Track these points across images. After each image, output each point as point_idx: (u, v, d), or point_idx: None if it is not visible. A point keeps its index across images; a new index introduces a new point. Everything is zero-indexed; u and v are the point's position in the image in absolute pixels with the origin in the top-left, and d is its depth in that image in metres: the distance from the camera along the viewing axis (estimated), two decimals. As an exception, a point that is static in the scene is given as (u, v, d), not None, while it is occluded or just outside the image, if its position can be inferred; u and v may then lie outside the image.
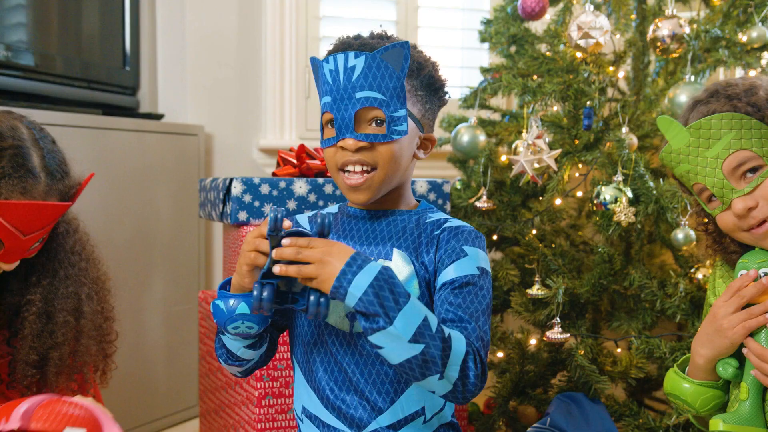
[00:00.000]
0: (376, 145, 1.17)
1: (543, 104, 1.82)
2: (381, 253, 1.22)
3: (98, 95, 2.31)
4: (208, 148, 2.59)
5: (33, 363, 1.28)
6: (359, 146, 1.16)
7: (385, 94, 1.16)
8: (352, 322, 1.20)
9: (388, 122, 1.17)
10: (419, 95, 1.22)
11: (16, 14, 2.07)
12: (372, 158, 1.17)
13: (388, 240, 1.23)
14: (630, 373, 1.72)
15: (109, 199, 2.13)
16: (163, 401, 2.34)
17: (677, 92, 1.75)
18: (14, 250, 1.21)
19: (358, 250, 1.20)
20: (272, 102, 2.63)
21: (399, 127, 1.18)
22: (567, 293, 1.75)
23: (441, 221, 1.24)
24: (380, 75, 1.16)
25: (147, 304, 2.28)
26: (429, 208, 1.29)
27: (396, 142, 1.18)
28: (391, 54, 1.16)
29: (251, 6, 2.62)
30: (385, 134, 1.17)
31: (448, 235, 1.21)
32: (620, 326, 1.85)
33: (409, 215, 1.26)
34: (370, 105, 1.16)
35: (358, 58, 1.16)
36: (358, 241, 1.24)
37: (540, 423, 1.61)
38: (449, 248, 1.19)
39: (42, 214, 1.21)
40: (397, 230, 1.24)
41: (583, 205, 2.28)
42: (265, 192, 1.69)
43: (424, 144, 1.26)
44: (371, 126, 1.18)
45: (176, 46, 2.56)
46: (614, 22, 2.06)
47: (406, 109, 1.18)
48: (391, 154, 1.18)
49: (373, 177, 1.18)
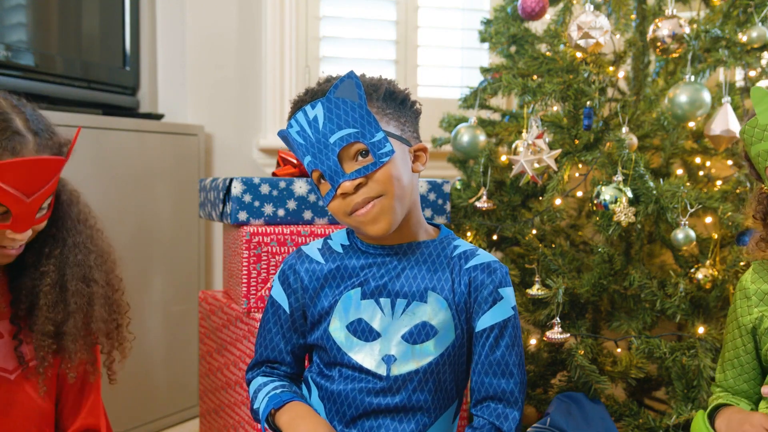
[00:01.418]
0: (372, 176, 1.16)
1: (543, 104, 1.82)
2: (416, 296, 1.21)
3: (98, 95, 2.31)
4: (208, 148, 2.59)
5: (49, 333, 1.29)
6: (357, 183, 1.16)
7: (355, 125, 1.16)
8: (389, 366, 1.20)
9: (372, 149, 1.16)
10: (389, 113, 1.21)
11: (16, 14, 2.07)
12: (374, 189, 1.17)
13: (421, 279, 1.22)
14: (630, 373, 1.72)
15: (109, 199, 2.13)
16: (163, 401, 2.34)
17: (677, 92, 1.75)
18: (22, 216, 1.21)
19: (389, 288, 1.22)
20: (272, 102, 2.63)
21: (384, 149, 1.17)
22: (567, 293, 1.75)
23: (469, 254, 1.25)
24: (342, 111, 1.17)
25: (147, 304, 2.28)
26: (449, 234, 1.29)
27: (388, 164, 1.17)
28: (342, 89, 1.17)
29: (251, 6, 2.62)
30: (375, 161, 1.17)
31: (482, 275, 1.22)
32: (620, 326, 1.85)
33: (434, 246, 1.25)
34: (347, 142, 1.16)
35: (315, 107, 1.17)
36: (386, 279, 1.23)
37: (540, 423, 1.61)
38: (485, 291, 1.21)
39: (38, 170, 1.21)
40: (427, 267, 1.23)
41: (583, 205, 2.28)
42: (265, 192, 1.69)
43: (417, 156, 1.25)
44: (358, 160, 1.17)
45: (176, 46, 2.56)
46: (614, 22, 2.06)
47: (382, 131, 1.18)
48: (389, 176, 1.17)
49: (383, 202, 1.17)
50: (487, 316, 1.21)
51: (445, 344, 1.21)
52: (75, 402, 1.39)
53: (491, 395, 1.21)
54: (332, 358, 1.23)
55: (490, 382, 1.21)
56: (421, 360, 1.20)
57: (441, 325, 1.20)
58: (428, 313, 1.20)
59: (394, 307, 1.21)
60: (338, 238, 1.30)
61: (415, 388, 1.20)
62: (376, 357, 1.20)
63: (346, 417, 1.22)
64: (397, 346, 1.20)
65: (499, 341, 1.21)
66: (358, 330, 1.22)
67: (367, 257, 1.25)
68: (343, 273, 1.25)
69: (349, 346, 1.22)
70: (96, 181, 2.08)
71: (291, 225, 1.70)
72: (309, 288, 1.26)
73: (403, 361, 1.20)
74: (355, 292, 1.23)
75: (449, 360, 1.22)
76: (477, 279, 1.22)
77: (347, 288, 1.23)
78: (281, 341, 1.29)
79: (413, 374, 1.20)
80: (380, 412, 1.20)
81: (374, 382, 1.20)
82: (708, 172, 2.07)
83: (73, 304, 1.30)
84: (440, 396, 1.23)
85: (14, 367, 1.30)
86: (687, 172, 2.05)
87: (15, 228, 1.21)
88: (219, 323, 1.86)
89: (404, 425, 1.20)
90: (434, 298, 1.21)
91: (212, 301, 1.91)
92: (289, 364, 1.31)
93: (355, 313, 1.22)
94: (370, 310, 1.21)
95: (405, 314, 1.21)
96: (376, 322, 1.21)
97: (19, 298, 1.30)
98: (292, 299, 1.28)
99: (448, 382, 1.23)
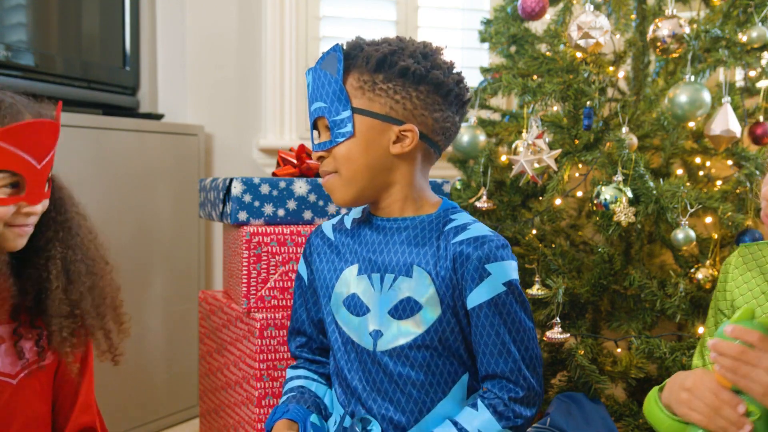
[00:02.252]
0: (332, 150, 1.21)
1: (543, 104, 1.82)
2: (402, 270, 1.20)
3: (98, 95, 2.31)
4: (208, 148, 2.59)
5: (66, 314, 1.29)
6: (318, 155, 1.23)
7: (326, 100, 1.19)
8: (375, 341, 1.20)
9: (332, 126, 1.19)
10: (381, 88, 1.18)
11: (16, 14, 2.07)
12: (330, 165, 1.22)
13: (408, 254, 1.21)
14: (630, 373, 1.72)
15: (109, 199, 2.13)
16: (163, 401, 2.34)
17: (677, 92, 1.75)
18: (35, 185, 1.21)
19: (379, 263, 1.22)
20: (272, 102, 2.63)
21: (342, 130, 1.19)
22: (567, 293, 1.75)
23: (460, 228, 1.20)
24: (321, 84, 1.20)
25: (147, 304, 2.28)
26: (451, 208, 1.25)
27: (344, 144, 1.19)
28: (328, 61, 1.20)
29: (251, 6, 2.62)
30: (330, 140, 1.20)
31: (468, 249, 1.17)
32: (620, 326, 1.85)
33: (429, 220, 1.23)
34: (317, 115, 1.21)
35: (309, 74, 1.23)
36: (378, 254, 1.23)
37: (540, 423, 1.61)
38: (470, 267, 1.17)
39: (44, 133, 1.22)
40: (416, 242, 1.21)
41: (583, 205, 2.28)
42: (265, 192, 1.69)
43: (402, 136, 1.19)
44: (325, 133, 1.22)
45: (176, 46, 2.56)
46: (614, 22, 2.06)
47: (349, 109, 1.18)
48: (343, 156, 1.20)
49: (334, 180, 1.22)
50: (475, 293, 1.17)
51: (430, 320, 1.18)
52: (69, 400, 1.39)
53: (491, 374, 1.18)
54: (331, 333, 1.27)
55: (489, 362, 1.18)
56: (407, 336, 1.18)
57: (426, 301, 1.18)
58: (413, 288, 1.18)
59: (383, 282, 1.21)
60: (354, 213, 1.33)
61: (404, 364, 1.18)
62: (365, 332, 1.21)
63: (348, 395, 1.23)
64: (383, 322, 1.19)
65: (492, 320, 1.16)
66: (352, 305, 1.23)
67: (366, 233, 1.26)
68: (345, 249, 1.27)
69: (347, 325, 1.24)
70: (96, 181, 2.08)
71: (291, 225, 1.70)
72: (317, 261, 1.31)
73: (389, 337, 1.19)
74: (353, 267, 1.25)
75: (437, 336, 1.18)
76: (463, 254, 1.17)
77: (347, 264, 1.26)
78: (304, 312, 1.35)
79: (399, 350, 1.18)
80: (375, 388, 1.20)
81: (364, 356, 1.21)
82: (708, 172, 2.07)
83: (82, 285, 1.31)
84: (436, 372, 1.19)
85: (17, 371, 1.29)
86: (687, 172, 2.05)
87: (30, 199, 1.21)
88: (219, 323, 1.86)
89: (399, 398, 1.19)
90: (418, 272, 1.19)
91: (212, 301, 1.91)
92: (311, 336, 1.35)
93: (351, 288, 1.24)
94: (363, 285, 1.22)
95: (392, 289, 1.19)
96: (366, 297, 1.21)
97: (24, 289, 1.29)
98: (308, 270, 1.33)
99: (443, 358, 1.19)
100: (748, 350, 1.00)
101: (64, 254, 1.31)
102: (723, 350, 1.01)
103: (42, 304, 1.29)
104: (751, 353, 1.00)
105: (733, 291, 1.21)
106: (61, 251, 1.31)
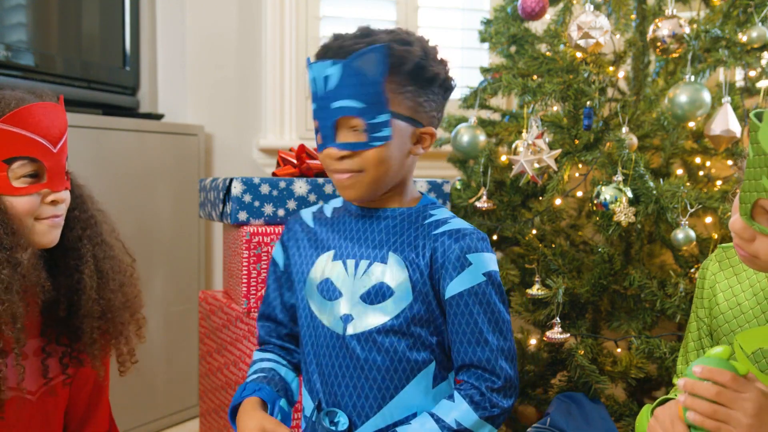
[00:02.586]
0: (359, 152, 1.15)
1: (543, 104, 1.82)
2: (378, 257, 1.20)
3: (98, 95, 2.31)
4: (208, 148, 2.59)
5: (98, 314, 1.28)
6: (341, 155, 1.15)
7: (362, 101, 1.12)
8: (345, 325, 1.20)
9: (368, 130, 1.13)
10: (409, 90, 1.16)
11: (16, 14, 2.07)
12: (357, 164, 1.16)
13: (385, 242, 1.21)
14: (630, 373, 1.72)
15: (109, 199, 2.11)
16: (163, 401, 2.34)
17: (677, 92, 1.75)
18: (55, 170, 1.20)
19: (355, 250, 1.21)
20: (272, 102, 2.63)
21: (380, 134, 1.14)
22: (567, 293, 1.75)
23: (440, 222, 1.21)
24: (355, 83, 1.12)
25: (147, 303, 2.26)
26: (431, 203, 1.26)
27: (380, 147, 1.14)
28: (366, 60, 1.11)
29: (251, 6, 2.62)
30: (366, 142, 1.14)
31: (449, 241, 1.18)
32: (620, 326, 1.85)
33: (409, 213, 1.23)
34: (347, 114, 1.13)
35: (333, 66, 1.12)
36: (355, 241, 1.23)
37: (540, 423, 1.61)
38: (452, 257, 1.17)
39: (54, 114, 1.21)
40: (395, 231, 1.22)
41: (583, 205, 2.28)
42: (265, 192, 1.69)
43: (422, 138, 1.20)
44: (352, 133, 1.14)
45: (176, 46, 2.56)
46: (614, 22, 2.06)
47: (388, 113, 1.14)
48: (376, 158, 1.15)
49: (362, 178, 1.17)
50: (455, 282, 1.17)
51: (400, 306, 1.18)
52: (84, 411, 1.38)
53: (468, 363, 1.18)
54: (304, 320, 1.25)
55: (465, 351, 1.17)
56: (376, 321, 1.18)
57: (398, 287, 1.18)
58: (386, 274, 1.18)
59: (357, 267, 1.20)
60: (334, 202, 1.31)
61: (371, 348, 1.18)
62: (335, 316, 1.20)
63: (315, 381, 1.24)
64: (355, 306, 1.19)
65: (471, 308, 1.17)
66: (324, 289, 1.22)
67: (346, 221, 1.25)
68: (323, 237, 1.26)
69: (320, 311, 1.23)
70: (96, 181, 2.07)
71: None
72: (294, 248, 1.29)
73: (359, 321, 1.19)
74: (329, 253, 1.24)
75: (407, 323, 1.18)
76: (444, 244, 1.17)
77: (323, 250, 1.25)
78: (277, 298, 1.33)
79: (368, 335, 1.18)
80: (341, 373, 1.20)
81: (333, 341, 1.21)
82: (708, 172, 2.07)
83: (112, 283, 1.30)
84: (403, 359, 1.18)
85: (38, 387, 1.27)
86: (687, 172, 2.05)
87: (52, 186, 1.20)
88: (219, 323, 1.86)
89: (363, 384, 1.19)
90: (394, 259, 1.19)
91: (212, 301, 1.91)
92: (281, 322, 1.33)
93: (325, 273, 1.23)
94: (337, 270, 1.22)
95: (365, 274, 1.19)
96: (339, 282, 1.21)
97: (57, 299, 1.26)
98: (285, 256, 1.31)
99: (411, 345, 1.18)
100: (725, 391, 0.95)
101: (93, 252, 1.29)
102: (698, 391, 0.96)
103: (74, 311, 1.27)
104: (727, 394, 0.94)
105: (710, 299, 1.19)
106: (91, 249, 1.29)
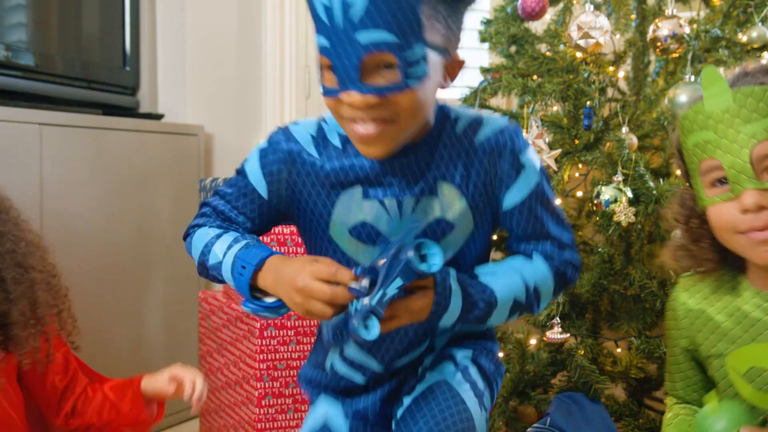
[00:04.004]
0: (390, 96, 0.90)
1: (543, 104, 1.82)
2: (425, 191, 1.01)
3: (98, 95, 2.31)
4: (208, 148, 2.59)
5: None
6: (369, 103, 0.89)
7: (396, 33, 0.87)
8: None
9: (403, 67, 0.88)
10: (441, 13, 0.94)
11: (16, 14, 2.07)
12: (388, 112, 0.91)
13: (426, 170, 1.01)
14: (630, 373, 1.72)
15: (109, 199, 2.13)
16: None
17: (677, 92, 1.75)
18: None
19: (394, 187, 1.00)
20: (272, 102, 2.63)
21: (417, 70, 0.90)
22: (567, 293, 1.75)
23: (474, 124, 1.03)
24: (388, 7, 0.86)
25: (147, 304, 2.28)
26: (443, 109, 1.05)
27: (416, 89, 0.90)
28: None
29: (251, 6, 2.62)
30: (400, 83, 0.89)
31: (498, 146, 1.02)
32: (620, 326, 1.85)
33: (438, 131, 1.02)
34: (378, 50, 0.87)
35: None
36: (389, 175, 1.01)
37: (540, 423, 1.61)
38: (505, 165, 1.02)
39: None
40: (432, 155, 1.01)
41: (583, 205, 2.28)
42: (265, 192, 1.69)
43: (451, 69, 1.01)
44: (382, 73, 0.89)
45: (176, 46, 2.56)
46: (614, 22, 2.06)
47: (424, 44, 0.90)
48: (411, 104, 0.91)
49: (391, 130, 0.93)
50: (513, 191, 1.03)
51: (464, 238, 1.04)
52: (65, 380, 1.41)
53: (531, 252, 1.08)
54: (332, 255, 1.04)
55: (527, 244, 1.08)
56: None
57: (457, 219, 1.02)
58: (441, 208, 1.02)
59: (402, 208, 1.01)
60: (335, 125, 1.03)
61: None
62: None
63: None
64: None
65: (534, 210, 1.04)
66: (362, 234, 1.02)
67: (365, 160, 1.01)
68: (337, 172, 1.02)
69: (355, 253, 1.03)
70: (96, 181, 2.08)
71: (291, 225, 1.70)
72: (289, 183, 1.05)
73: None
74: (355, 190, 1.02)
75: (469, 254, 1.06)
76: (494, 152, 1.01)
77: (344, 188, 1.02)
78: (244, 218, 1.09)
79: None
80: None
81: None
82: (708, 172, 2.07)
83: (15, 292, 1.30)
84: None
85: None
86: (687, 172, 2.05)
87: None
88: (219, 323, 1.85)
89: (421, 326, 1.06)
90: (445, 188, 1.01)
91: (212, 301, 1.91)
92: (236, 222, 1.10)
93: (356, 216, 1.02)
94: (374, 212, 1.01)
95: (415, 214, 1.01)
96: (382, 225, 1.01)
97: None
98: (273, 188, 1.06)
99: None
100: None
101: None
102: None
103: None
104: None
105: (689, 328, 1.15)
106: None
